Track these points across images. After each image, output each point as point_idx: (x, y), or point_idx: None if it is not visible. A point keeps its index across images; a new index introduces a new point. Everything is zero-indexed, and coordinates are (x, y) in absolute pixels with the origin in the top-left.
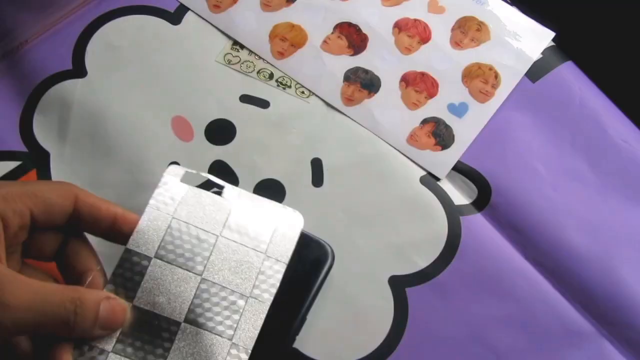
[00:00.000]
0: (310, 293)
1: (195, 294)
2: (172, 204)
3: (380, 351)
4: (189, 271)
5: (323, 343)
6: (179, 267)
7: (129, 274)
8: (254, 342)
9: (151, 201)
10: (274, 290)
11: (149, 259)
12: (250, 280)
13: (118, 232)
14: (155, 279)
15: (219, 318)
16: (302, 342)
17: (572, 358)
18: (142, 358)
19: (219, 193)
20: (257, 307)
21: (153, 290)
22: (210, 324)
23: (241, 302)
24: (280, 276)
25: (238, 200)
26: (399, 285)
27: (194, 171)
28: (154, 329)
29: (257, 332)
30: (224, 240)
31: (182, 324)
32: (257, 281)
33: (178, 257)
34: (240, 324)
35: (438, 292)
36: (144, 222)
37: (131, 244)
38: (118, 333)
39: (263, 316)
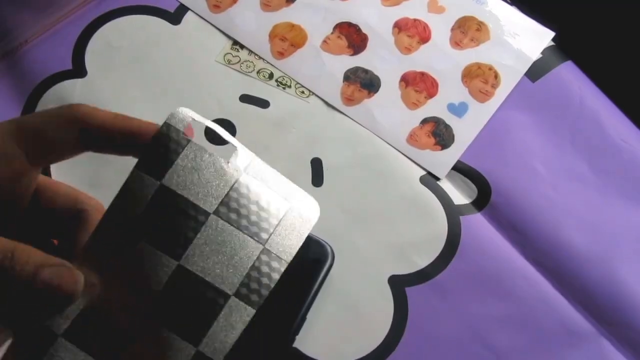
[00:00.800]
0: (310, 293)
1: (166, 282)
2: (165, 164)
3: (380, 351)
4: (165, 254)
5: (323, 343)
6: (155, 247)
7: (101, 243)
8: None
9: (140, 160)
10: (265, 293)
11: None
12: (239, 275)
13: (132, 145)
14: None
15: (186, 320)
16: (302, 342)
17: (572, 358)
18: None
19: (227, 155)
20: (240, 310)
21: (122, 263)
22: (174, 327)
23: (221, 301)
24: (277, 277)
25: (246, 170)
26: (399, 285)
27: (202, 119)
28: (108, 324)
29: (229, 345)
30: (217, 220)
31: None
32: (247, 278)
33: (155, 234)
34: (213, 329)
35: (438, 291)
36: (129, 183)
37: (108, 212)
38: (74, 315)
39: (243, 324)
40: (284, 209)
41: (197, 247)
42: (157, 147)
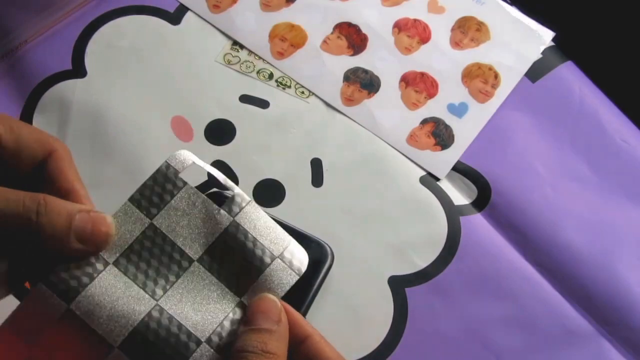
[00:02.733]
0: (310, 293)
1: (142, 319)
2: (159, 204)
3: (380, 351)
4: (145, 292)
5: None
6: (136, 283)
7: (78, 273)
8: None
9: (135, 194)
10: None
11: (105, 264)
12: (213, 324)
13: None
14: (104, 288)
15: (155, 358)
16: None
17: (571, 358)
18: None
19: (222, 201)
20: (210, 358)
21: (96, 298)
22: None
23: (192, 345)
24: None
25: (238, 217)
26: (399, 285)
27: (202, 164)
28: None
29: None
30: (199, 268)
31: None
32: (220, 327)
33: (139, 272)
34: None
35: (437, 292)
36: (119, 215)
37: None
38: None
39: None
40: (267, 262)
41: (177, 290)
42: (153, 185)
